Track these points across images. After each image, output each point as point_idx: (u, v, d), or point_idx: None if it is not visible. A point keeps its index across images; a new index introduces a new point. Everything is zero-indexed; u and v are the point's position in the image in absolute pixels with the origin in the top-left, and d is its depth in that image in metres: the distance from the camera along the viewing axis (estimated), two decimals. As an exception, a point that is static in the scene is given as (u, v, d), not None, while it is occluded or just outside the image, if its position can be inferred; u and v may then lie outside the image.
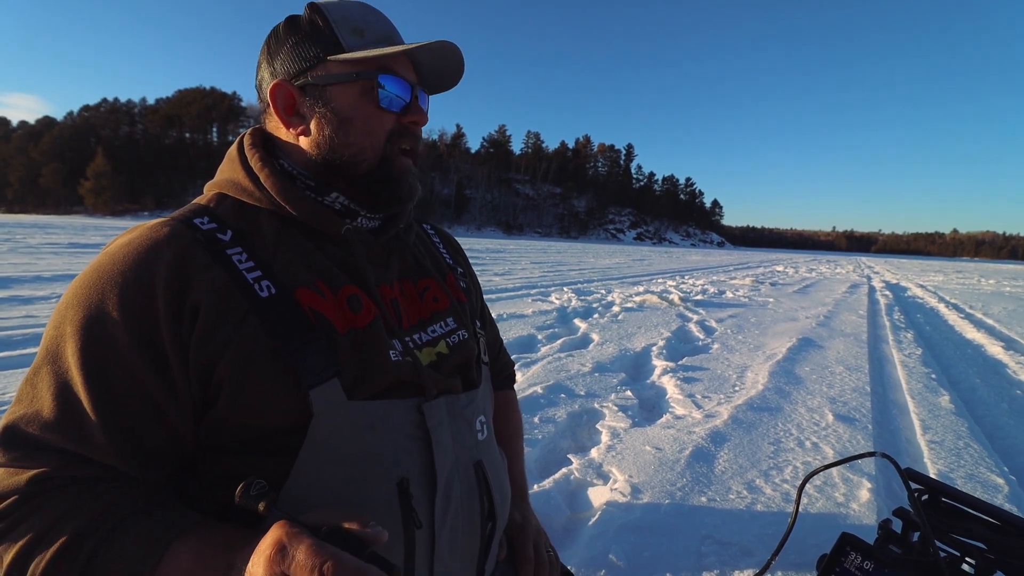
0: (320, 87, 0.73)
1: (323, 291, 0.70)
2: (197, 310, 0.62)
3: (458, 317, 0.87)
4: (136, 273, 0.62)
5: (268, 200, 0.72)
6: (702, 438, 2.52)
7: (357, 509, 0.53)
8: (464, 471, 0.76)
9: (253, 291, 0.65)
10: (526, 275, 11.74)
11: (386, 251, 0.82)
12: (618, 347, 4.44)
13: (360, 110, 0.73)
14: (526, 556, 0.93)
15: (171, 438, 0.64)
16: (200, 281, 0.63)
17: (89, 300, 0.61)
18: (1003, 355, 5.24)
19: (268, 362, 0.63)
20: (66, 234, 19.56)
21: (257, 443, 0.64)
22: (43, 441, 0.59)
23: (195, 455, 0.67)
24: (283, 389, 0.63)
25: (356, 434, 0.66)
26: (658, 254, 37.87)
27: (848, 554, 0.96)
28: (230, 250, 0.67)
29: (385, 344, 0.71)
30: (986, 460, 2.54)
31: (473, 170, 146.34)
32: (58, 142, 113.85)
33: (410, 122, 0.76)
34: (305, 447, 0.63)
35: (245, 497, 0.51)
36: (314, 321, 0.67)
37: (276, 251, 0.70)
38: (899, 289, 13.88)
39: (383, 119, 0.74)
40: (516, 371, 1.21)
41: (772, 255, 61.88)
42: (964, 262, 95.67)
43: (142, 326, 0.61)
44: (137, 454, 0.62)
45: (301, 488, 0.62)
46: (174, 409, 0.63)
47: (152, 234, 0.65)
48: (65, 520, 0.55)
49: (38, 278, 7.07)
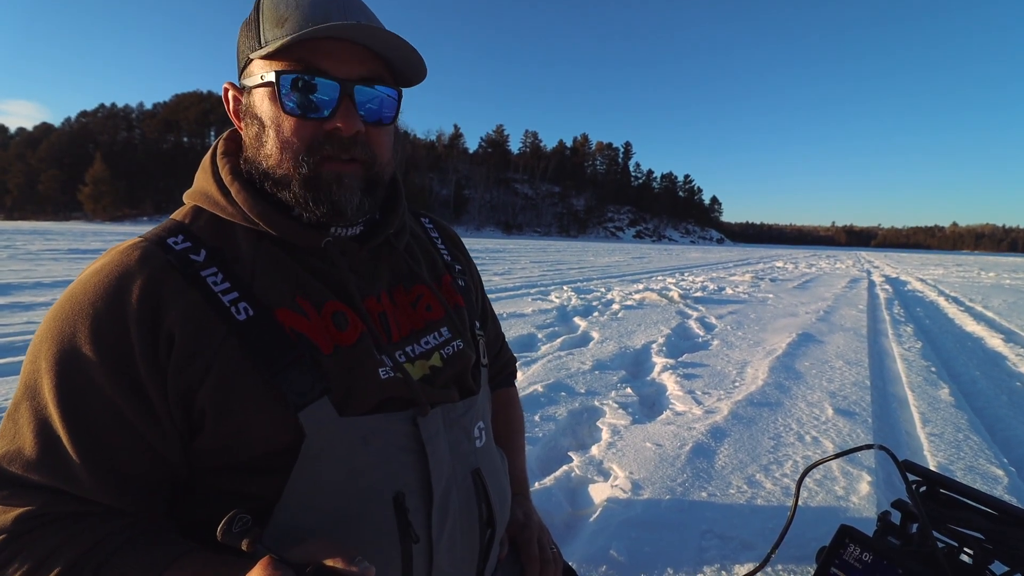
0: (248, 89, 0.68)
1: (305, 310, 0.67)
2: (172, 337, 0.60)
3: (453, 326, 0.82)
4: (107, 304, 0.60)
5: (241, 215, 0.69)
6: (702, 434, 2.53)
7: (346, 539, 0.52)
8: (462, 480, 0.75)
9: (230, 314, 0.63)
10: (526, 274, 11.74)
11: (374, 258, 0.77)
12: (618, 345, 4.44)
13: (271, 116, 0.66)
14: (531, 554, 0.93)
15: (159, 466, 0.63)
16: (174, 307, 0.61)
17: (62, 334, 0.60)
18: (1003, 347, 5.24)
19: (252, 386, 0.61)
20: (65, 240, 19.55)
21: (249, 464, 0.63)
22: (28, 480, 0.58)
23: (188, 476, 0.66)
24: (270, 412, 0.62)
25: (349, 450, 0.64)
26: (657, 252, 37.88)
27: (847, 546, 0.97)
28: (204, 271, 0.64)
29: (374, 361, 0.69)
30: (986, 452, 2.54)
31: (471, 170, 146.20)
32: (56, 148, 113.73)
33: (331, 128, 0.65)
34: (298, 465, 0.62)
35: (227, 535, 0.50)
36: (295, 342, 0.64)
37: (254, 269, 0.67)
38: (899, 283, 13.88)
39: (298, 126, 0.65)
40: (517, 370, 1.20)
41: (772, 251, 61.86)
42: (964, 255, 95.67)
43: (116, 358, 0.59)
44: (124, 486, 0.61)
45: (295, 505, 0.61)
46: (158, 438, 0.62)
47: (123, 259, 0.63)
48: (56, 556, 0.55)
49: (39, 284, 7.07)
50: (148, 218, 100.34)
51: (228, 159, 0.72)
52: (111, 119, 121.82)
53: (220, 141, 0.75)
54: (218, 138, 0.76)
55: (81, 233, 29.07)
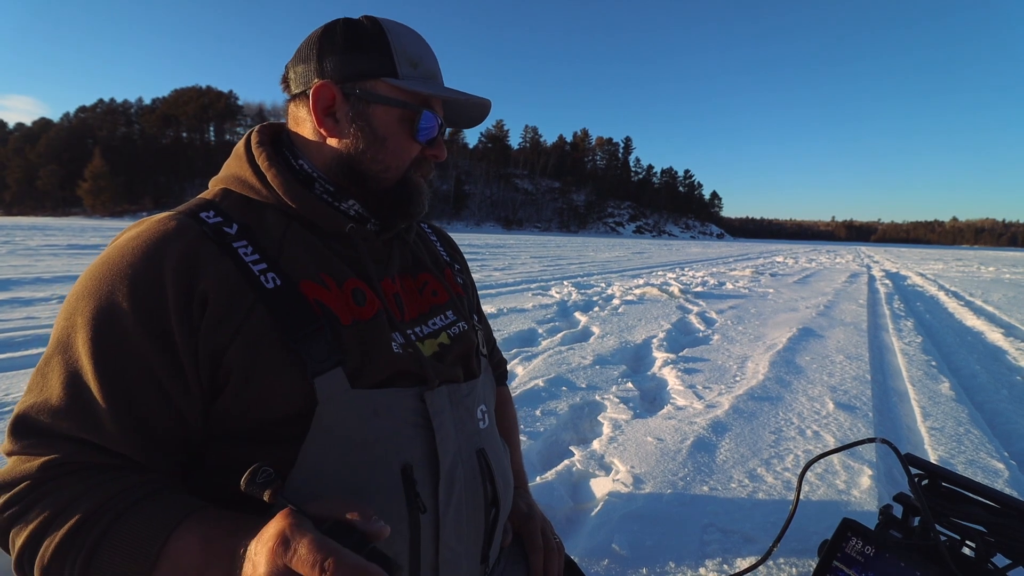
0: (365, 101, 0.75)
1: (328, 284, 0.72)
2: (206, 299, 0.64)
3: (457, 310, 0.89)
4: (145, 264, 0.63)
5: (274, 197, 0.75)
6: (703, 428, 2.53)
7: (361, 501, 0.54)
8: (467, 458, 0.78)
9: (259, 282, 0.67)
10: (526, 269, 11.74)
11: (387, 247, 0.85)
12: (619, 339, 4.44)
13: (396, 135, 0.77)
14: (535, 543, 0.96)
15: (180, 426, 0.65)
16: (209, 272, 0.65)
17: (100, 291, 0.63)
18: (1003, 342, 5.24)
19: (275, 351, 0.65)
20: (65, 236, 19.54)
21: (263, 430, 0.66)
22: (54, 429, 0.60)
23: (202, 444, 0.68)
24: (289, 377, 0.65)
25: (360, 421, 0.67)
26: (657, 247, 37.84)
27: (849, 539, 0.97)
28: (236, 243, 0.69)
29: (388, 336, 0.73)
30: (986, 445, 2.55)
31: (471, 166, 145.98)
32: (55, 143, 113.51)
33: (432, 155, 0.81)
34: (310, 434, 0.64)
35: (251, 484, 0.51)
36: (318, 312, 0.68)
37: (282, 245, 0.72)
38: (899, 278, 13.88)
39: (412, 147, 0.78)
40: (518, 365, 1.25)
41: (772, 246, 61.82)
42: (964, 250, 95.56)
43: (152, 316, 0.62)
44: (147, 442, 0.63)
45: (306, 474, 0.63)
46: (184, 397, 0.64)
47: (160, 227, 0.67)
48: (76, 504, 0.57)
49: (38, 280, 7.07)
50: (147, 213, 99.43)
51: (264, 148, 0.77)
52: (110, 114, 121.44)
53: (254, 132, 0.81)
54: (249, 130, 0.82)
55: (80, 228, 29.05)
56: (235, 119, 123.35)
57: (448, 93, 0.78)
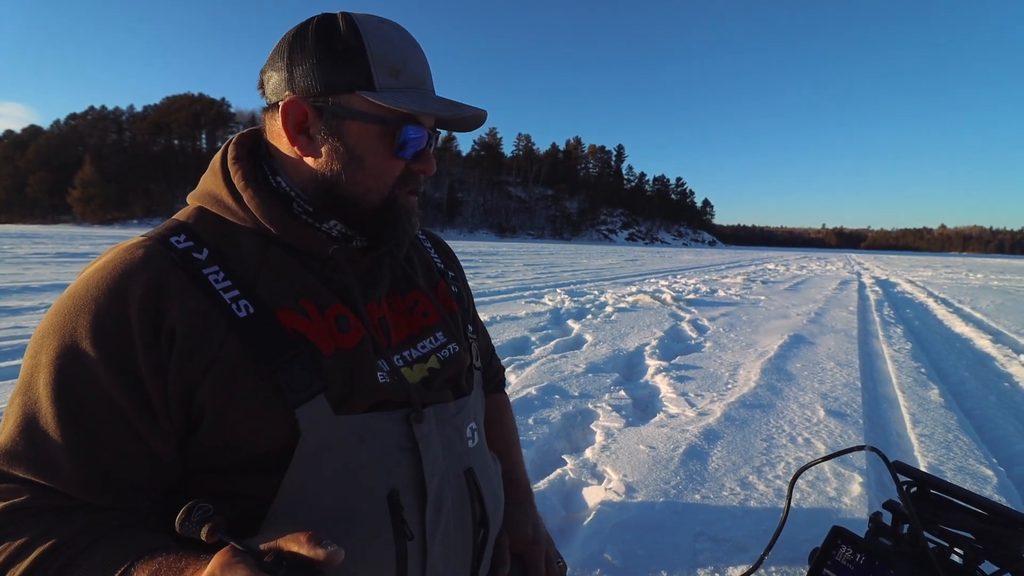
0: (339, 117, 0.68)
1: (308, 312, 0.68)
2: (173, 334, 0.61)
3: (448, 331, 0.85)
4: (109, 299, 0.60)
5: (251, 219, 0.70)
6: (695, 436, 2.53)
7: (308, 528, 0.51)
8: (455, 479, 0.76)
9: (231, 311, 0.63)
10: (519, 277, 11.74)
11: (376, 265, 0.80)
12: (611, 347, 4.45)
13: (375, 152, 0.70)
14: (539, 572, 0.94)
15: (153, 463, 0.63)
16: (176, 305, 0.62)
17: (64, 329, 0.60)
18: (991, 348, 5.29)
19: (251, 383, 0.62)
20: (54, 244, 19.36)
21: (247, 462, 0.64)
22: (8, 473, 0.59)
23: (183, 477, 0.66)
24: (268, 409, 0.63)
25: (344, 447, 0.65)
26: (650, 254, 38.01)
27: (839, 547, 0.98)
28: (206, 269, 0.65)
29: (372, 365, 0.70)
30: (975, 452, 2.56)
31: (465, 173, 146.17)
32: (45, 151, 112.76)
33: (420, 170, 0.75)
34: (294, 463, 0.62)
35: (186, 524, 0.49)
36: (296, 340, 0.65)
37: (260, 271, 0.68)
38: (888, 285, 14.00)
39: (394, 165, 0.72)
40: (511, 373, 1.24)
41: (763, 253, 62.24)
42: (952, 257, 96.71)
43: (117, 354, 0.60)
44: (113, 482, 0.61)
45: (290, 504, 0.62)
46: (155, 436, 0.62)
47: (127, 256, 0.64)
48: (34, 543, 0.56)
49: (26, 288, 6.99)
50: (138, 221, 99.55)
51: (240, 164, 0.72)
52: (101, 121, 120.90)
53: (230, 146, 0.75)
54: (227, 142, 0.76)
55: (70, 236, 28.80)
56: (227, 126, 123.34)
57: (433, 108, 0.69)
